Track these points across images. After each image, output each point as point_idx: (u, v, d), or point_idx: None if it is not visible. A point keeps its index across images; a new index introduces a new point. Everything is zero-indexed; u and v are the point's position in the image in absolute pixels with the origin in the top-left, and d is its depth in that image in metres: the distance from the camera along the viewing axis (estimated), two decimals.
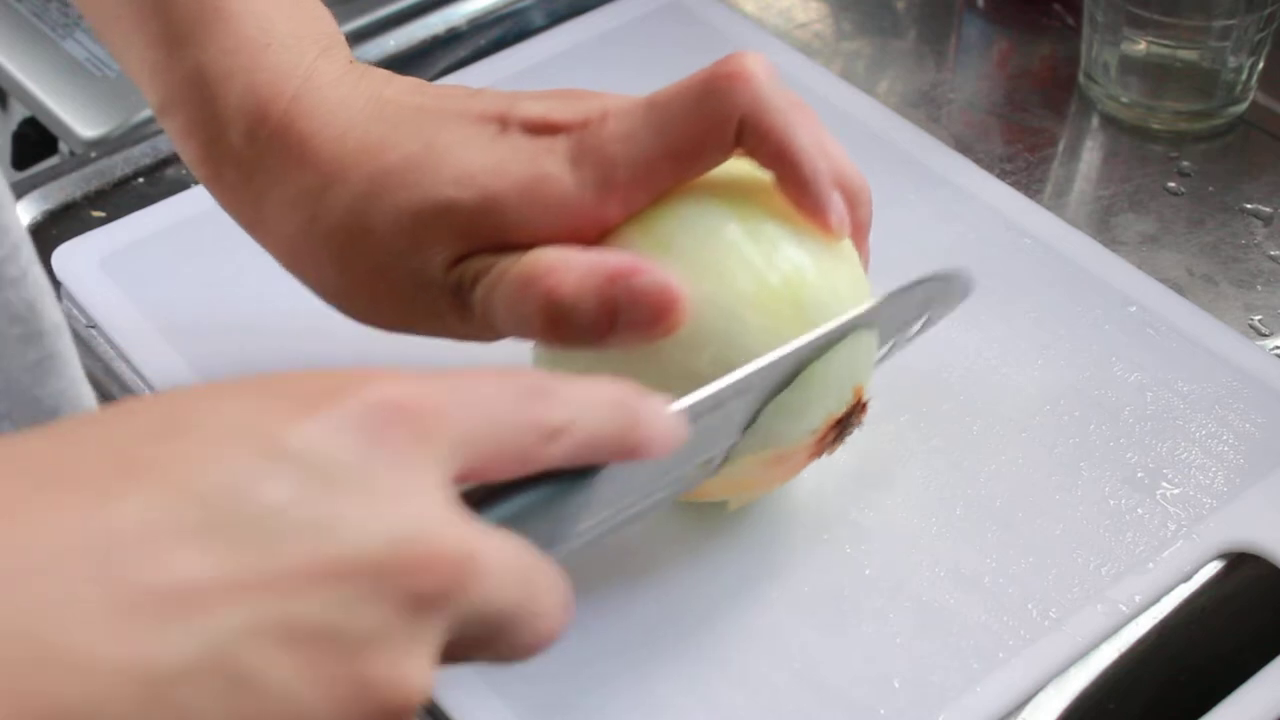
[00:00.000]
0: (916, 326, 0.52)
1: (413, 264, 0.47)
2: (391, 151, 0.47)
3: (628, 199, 0.46)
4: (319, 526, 0.30)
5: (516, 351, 0.50)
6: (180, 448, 0.30)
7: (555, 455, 0.35)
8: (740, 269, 0.46)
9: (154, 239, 0.62)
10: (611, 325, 0.44)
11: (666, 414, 0.38)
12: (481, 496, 0.35)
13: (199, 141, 0.49)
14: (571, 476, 0.37)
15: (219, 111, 0.48)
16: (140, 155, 0.67)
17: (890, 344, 0.51)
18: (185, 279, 0.61)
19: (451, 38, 0.75)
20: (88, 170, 0.66)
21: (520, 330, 0.46)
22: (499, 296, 0.45)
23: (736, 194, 0.47)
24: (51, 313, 0.38)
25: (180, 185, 0.66)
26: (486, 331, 0.47)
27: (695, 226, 0.46)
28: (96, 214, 0.65)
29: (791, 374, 0.46)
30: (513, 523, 0.35)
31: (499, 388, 0.34)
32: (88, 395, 0.40)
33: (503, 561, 0.32)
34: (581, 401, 0.35)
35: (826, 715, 0.47)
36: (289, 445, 0.30)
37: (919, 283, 0.49)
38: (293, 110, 0.48)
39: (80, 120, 0.70)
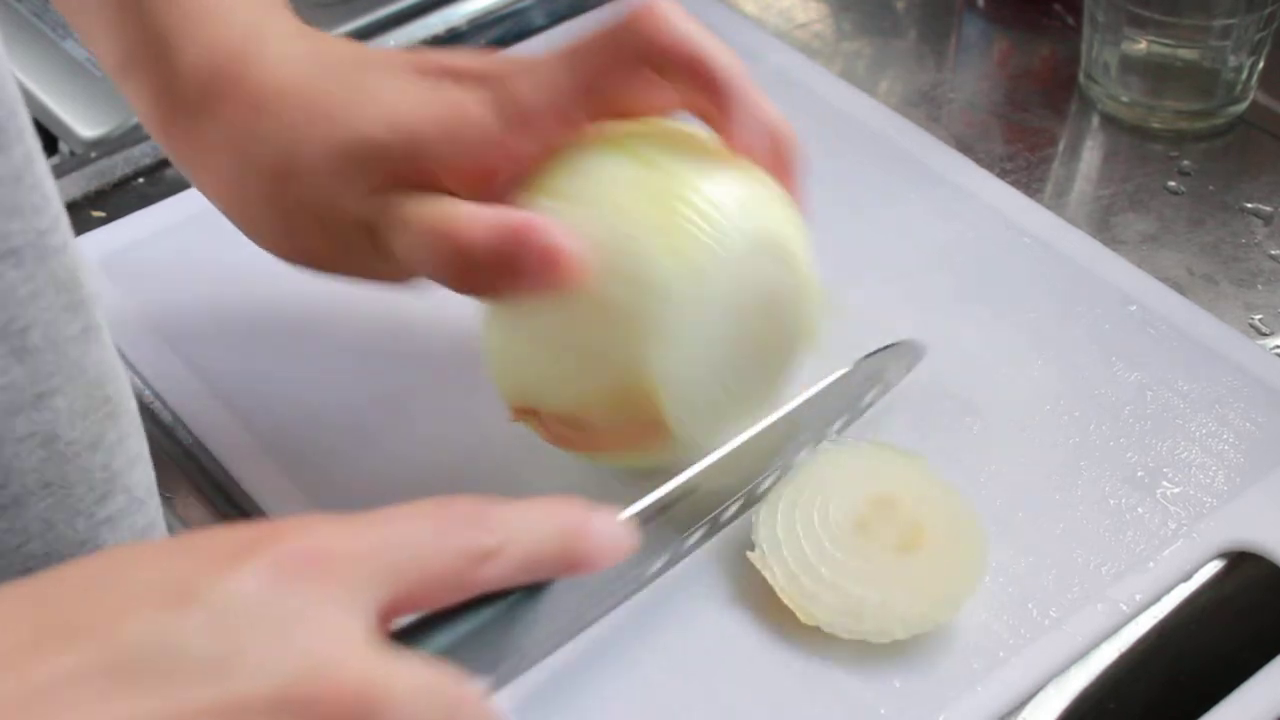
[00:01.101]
0: (869, 398, 0.54)
1: (337, 202, 0.49)
2: (322, 93, 0.50)
3: (543, 133, 0.49)
4: (223, 667, 0.31)
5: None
6: (100, 606, 0.32)
7: (491, 578, 0.37)
8: (648, 202, 0.47)
9: (154, 239, 0.62)
10: (514, 278, 0.46)
11: (611, 526, 0.40)
12: (420, 627, 0.36)
13: (153, 94, 0.52)
14: (518, 595, 0.38)
15: (176, 67, 0.51)
16: (140, 155, 0.67)
17: (845, 419, 0.53)
18: (185, 279, 0.61)
19: (451, 38, 0.75)
20: (88, 170, 0.66)
21: (433, 277, 0.48)
22: (413, 243, 0.48)
23: (650, 138, 0.49)
24: (89, 282, 0.39)
25: (180, 185, 0.66)
26: (405, 274, 0.50)
27: (602, 168, 0.48)
28: (96, 214, 0.65)
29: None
30: (453, 650, 0.36)
31: (422, 521, 0.36)
32: (121, 366, 0.42)
33: (416, 691, 0.33)
34: (516, 523, 0.37)
35: (827, 714, 0.47)
36: (200, 596, 0.32)
37: (861, 365, 0.53)
38: (242, 60, 0.50)
39: (80, 120, 0.70)
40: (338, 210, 0.49)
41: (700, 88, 0.48)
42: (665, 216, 0.47)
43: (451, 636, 0.37)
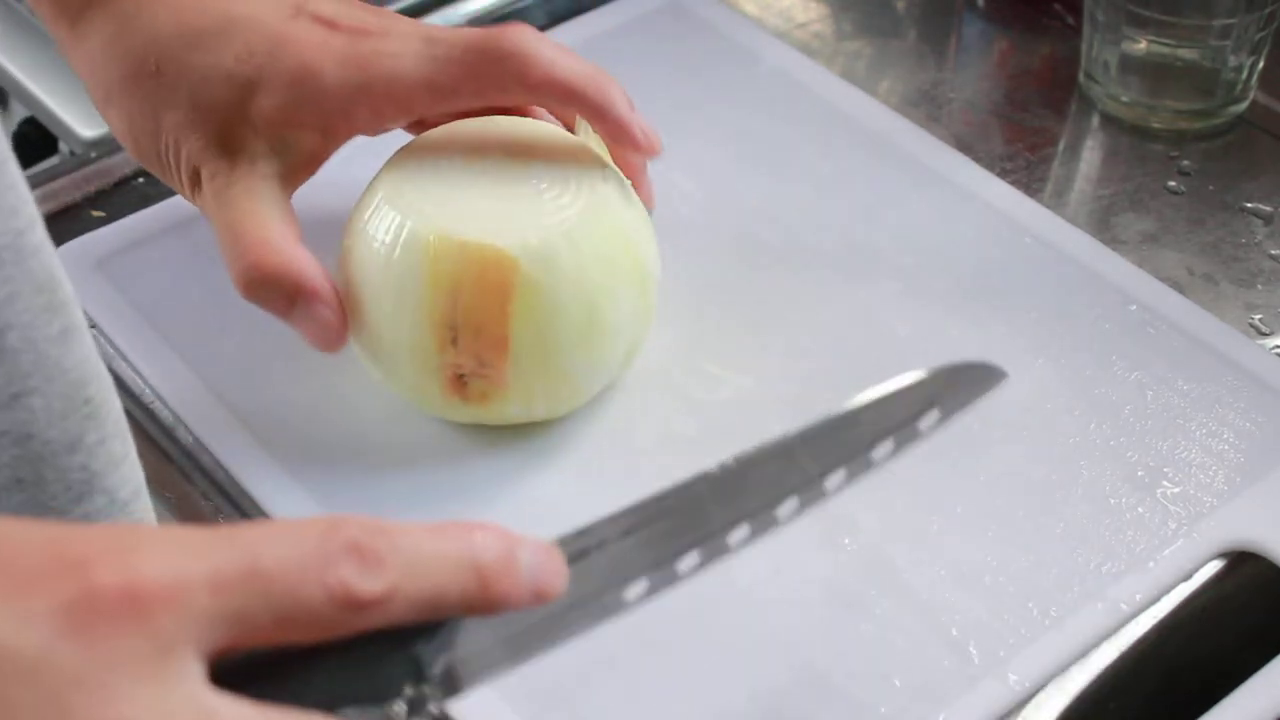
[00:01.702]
0: (928, 422, 0.43)
1: (181, 136, 0.51)
2: (198, 13, 0.51)
3: (377, 110, 0.50)
4: None
5: None
6: None
7: (375, 621, 0.30)
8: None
9: (154, 239, 0.62)
10: (282, 317, 0.50)
11: (541, 558, 0.32)
12: (272, 663, 0.30)
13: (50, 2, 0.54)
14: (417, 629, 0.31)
15: None
16: None
17: (891, 440, 0.43)
18: (185, 279, 0.61)
19: None
20: (88, 170, 0.66)
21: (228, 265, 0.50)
22: (220, 229, 0.50)
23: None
24: (66, 283, 0.39)
25: None
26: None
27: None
28: (96, 214, 0.65)
29: None
30: (323, 686, 0.30)
31: (291, 545, 0.30)
32: (103, 367, 0.41)
33: None
34: (419, 554, 0.31)
35: (827, 714, 0.47)
36: None
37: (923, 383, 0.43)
38: None
39: (80, 120, 0.70)
40: (177, 144, 0.51)
41: (579, 113, 0.52)
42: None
43: (321, 671, 0.30)
